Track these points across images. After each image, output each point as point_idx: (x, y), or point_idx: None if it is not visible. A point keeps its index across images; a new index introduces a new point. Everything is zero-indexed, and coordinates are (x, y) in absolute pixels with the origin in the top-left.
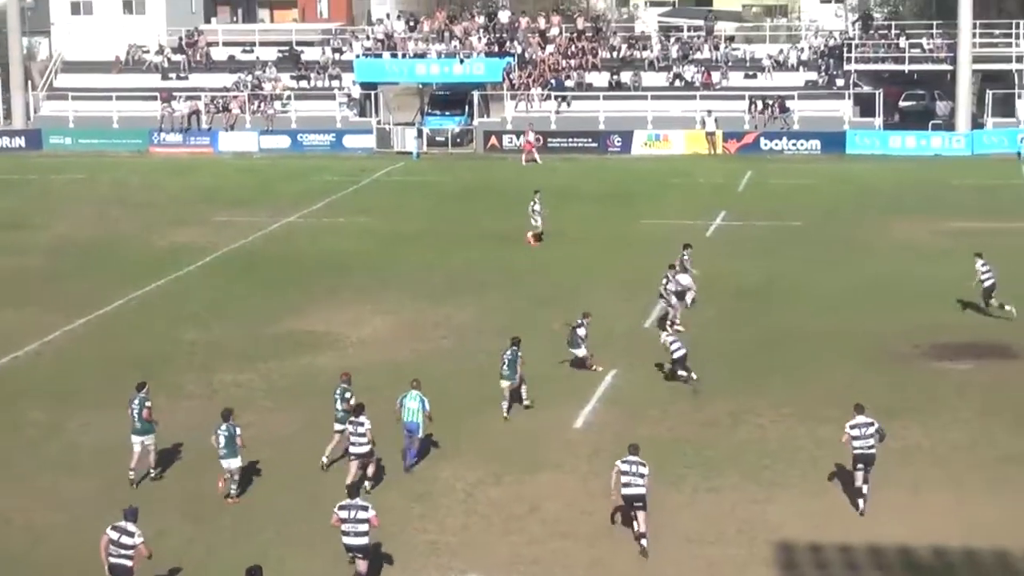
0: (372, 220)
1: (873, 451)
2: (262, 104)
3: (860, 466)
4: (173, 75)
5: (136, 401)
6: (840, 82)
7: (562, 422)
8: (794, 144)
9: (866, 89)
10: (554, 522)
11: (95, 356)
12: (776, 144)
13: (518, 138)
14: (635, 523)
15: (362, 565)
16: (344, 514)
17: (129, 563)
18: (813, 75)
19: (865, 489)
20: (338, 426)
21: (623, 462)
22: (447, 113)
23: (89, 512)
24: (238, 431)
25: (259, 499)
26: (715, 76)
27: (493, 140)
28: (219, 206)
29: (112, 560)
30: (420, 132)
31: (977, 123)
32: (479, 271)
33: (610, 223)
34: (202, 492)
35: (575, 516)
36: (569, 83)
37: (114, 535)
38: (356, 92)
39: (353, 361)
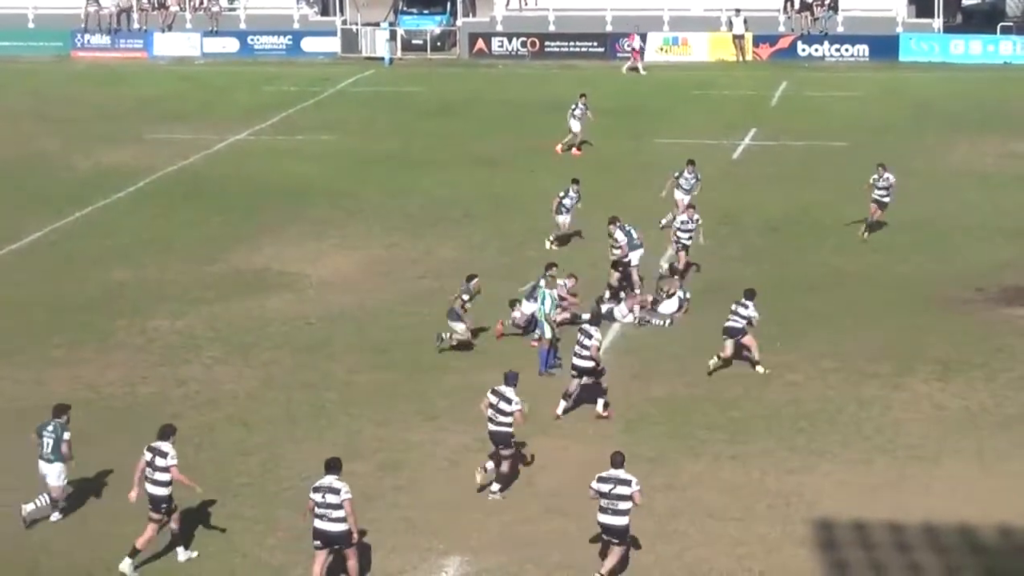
0: (336, 138)
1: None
2: (205, 1)
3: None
4: None
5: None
6: None
7: (563, 377)
8: (837, 50)
9: None
10: (552, 496)
11: (7, 298)
12: (816, 49)
13: (509, 41)
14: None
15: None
16: (493, 399)
17: None
18: None
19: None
20: (455, 325)
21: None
22: (425, 11)
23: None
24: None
25: (213, 471)
26: None
27: (480, 44)
28: (154, 121)
29: None
30: (393, 34)
31: None
32: (462, 199)
33: (618, 142)
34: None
35: (577, 490)
36: None
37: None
38: None
39: (313, 305)
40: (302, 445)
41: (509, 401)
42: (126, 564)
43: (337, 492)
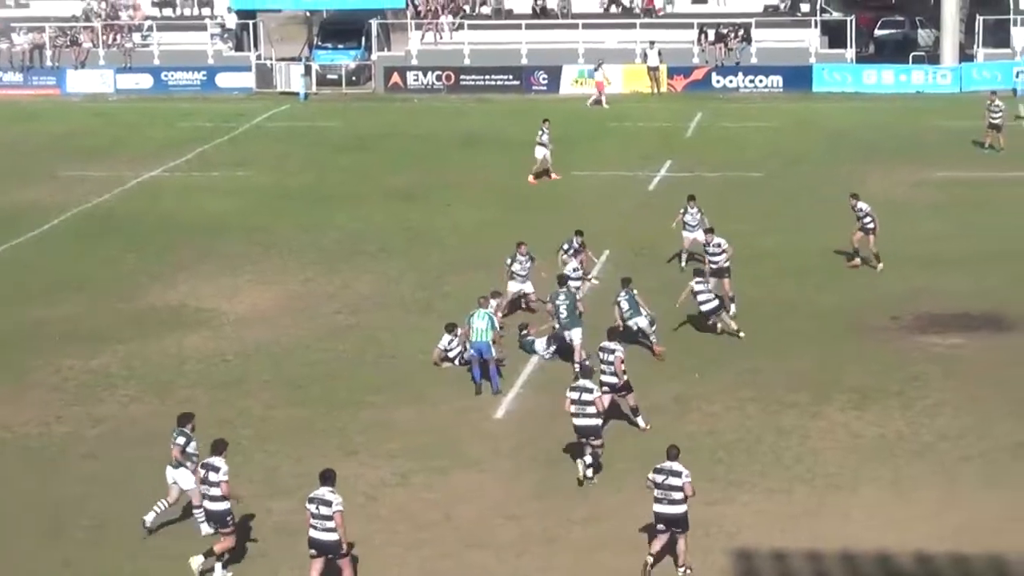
0: (251, 174)
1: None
2: (119, 36)
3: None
4: (11, 2)
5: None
6: (805, 7)
7: (480, 411)
8: (751, 81)
9: (836, 15)
10: (471, 530)
11: None
12: (730, 81)
13: (424, 75)
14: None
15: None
16: (574, 395)
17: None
18: None
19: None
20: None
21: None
22: (340, 46)
23: None
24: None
25: (130, 510)
26: (658, 1)
27: (395, 78)
28: (68, 158)
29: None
30: (308, 69)
31: (966, 55)
32: (378, 233)
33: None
34: (59, 497)
35: (496, 523)
36: (485, 9)
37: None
38: (231, 21)
39: (229, 341)
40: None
41: (590, 391)
42: (196, 561)
43: (329, 504)
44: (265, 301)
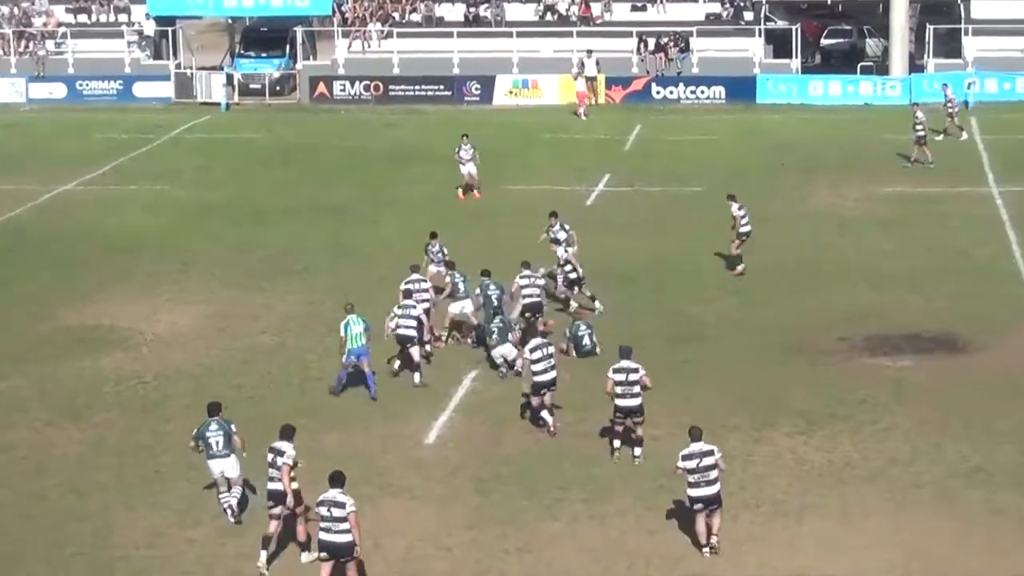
0: (171, 188)
1: (540, 299)
2: (31, 44)
3: (528, 315)
4: None
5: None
6: (749, 16)
7: (411, 436)
8: (693, 92)
9: (780, 24)
10: (402, 561)
11: None
12: (671, 92)
13: (352, 85)
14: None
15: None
16: (619, 376)
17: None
18: (716, 7)
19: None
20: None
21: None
22: (263, 55)
23: None
24: None
25: (42, 540)
26: (595, 8)
27: (321, 88)
28: None
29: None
30: (230, 78)
31: (915, 65)
32: (303, 250)
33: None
34: None
35: (429, 553)
36: (415, 16)
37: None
38: (149, 29)
39: (148, 363)
40: (136, 511)
41: (636, 371)
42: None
43: (342, 506)
44: (185, 321)
